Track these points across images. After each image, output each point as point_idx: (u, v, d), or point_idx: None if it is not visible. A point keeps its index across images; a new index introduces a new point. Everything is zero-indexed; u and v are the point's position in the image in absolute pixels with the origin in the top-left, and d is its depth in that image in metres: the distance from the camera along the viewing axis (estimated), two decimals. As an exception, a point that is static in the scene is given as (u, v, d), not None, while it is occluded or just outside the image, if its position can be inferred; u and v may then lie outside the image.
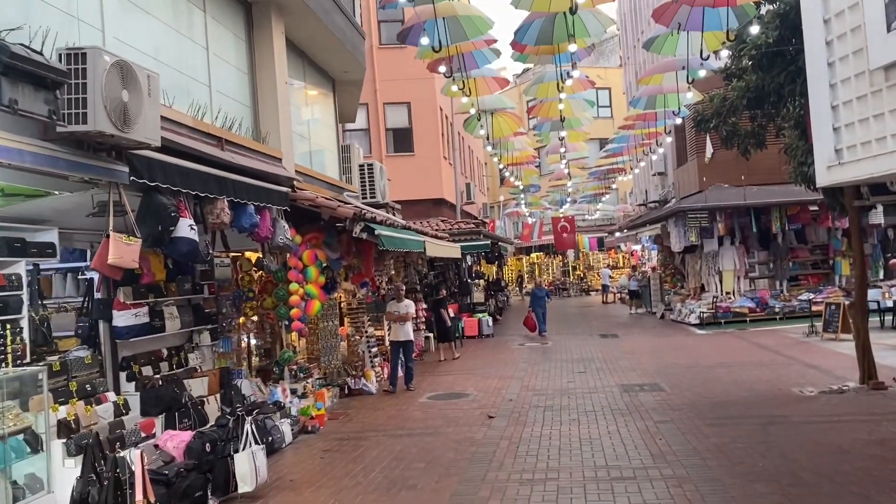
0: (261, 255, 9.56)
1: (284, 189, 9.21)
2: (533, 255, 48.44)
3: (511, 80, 44.38)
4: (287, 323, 10.17)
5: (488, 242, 21.59)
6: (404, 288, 11.95)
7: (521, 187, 26.47)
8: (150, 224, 6.47)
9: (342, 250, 11.63)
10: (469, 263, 31.91)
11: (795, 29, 10.38)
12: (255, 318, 11.22)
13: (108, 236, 5.83)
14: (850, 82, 8.21)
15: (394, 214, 13.34)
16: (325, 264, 11.55)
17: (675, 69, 11.69)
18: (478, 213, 32.72)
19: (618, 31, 40.03)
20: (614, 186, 31.67)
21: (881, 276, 22.94)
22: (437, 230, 19.89)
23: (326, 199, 10.30)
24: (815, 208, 21.59)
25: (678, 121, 13.03)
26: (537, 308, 20.44)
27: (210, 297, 9.75)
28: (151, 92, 5.66)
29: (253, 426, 7.14)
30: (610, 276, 36.96)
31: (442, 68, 10.50)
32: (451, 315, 20.99)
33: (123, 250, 5.93)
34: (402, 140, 23.10)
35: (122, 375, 8.01)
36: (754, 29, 9.40)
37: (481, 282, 34.21)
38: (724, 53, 10.11)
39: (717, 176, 22.77)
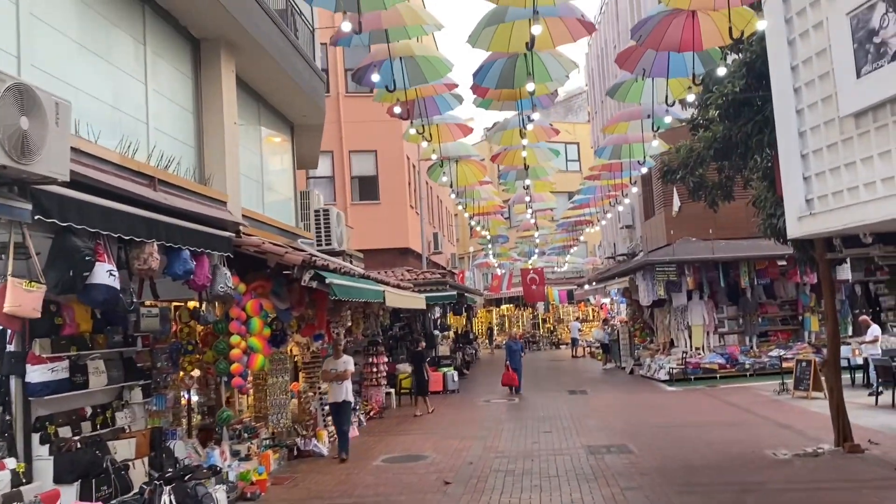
0: (197, 305, 8.87)
1: (227, 234, 8.60)
2: (503, 307, 47.91)
3: (482, 134, 44.63)
4: (227, 379, 9.42)
5: (455, 293, 21.01)
6: (343, 342, 11.27)
7: (489, 238, 26.06)
8: (60, 268, 5.81)
9: (293, 300, 10.98)
10: (437, 315, 31.31)
11: (762, 77, 10.16)
12: (196, 372, 10.45)
13: (4, 282, 5.16)
14: (819, 130, 7.92)
15: (351, 262, 12.74)
16: (272, 315, 10.88)
17: (640, 117, 11.41)
18: (446, 263, 32.21)
19: (586, 87, 40.46)
20: (582, 239, 31.44)
21: (850, 332, 22.74)
22: (400, 280, 19.29)
23: (276, 245, 9.69)
24: (784, 263, 21.45)
25: (644, 170, 12.74)
26: (516, 364, 19.59)
27: (144, 349, 9.00)
28: (60, 121, 5.07)
29: (172, 497, 6.36)
30: (579, 329, 36.48)
31: (397, 109, 10.03)
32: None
33: (23, 298, 5.25)
34: (367, 188, 22.64)
35: (36, 437, 7.21)
36: (721, 70, 9.12)
37: (450, 333, 33.57)
38: (691, 98, 9.78)
39: (684, 229, 22.60)
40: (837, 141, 7.58)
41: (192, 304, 10.23)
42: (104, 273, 6.16)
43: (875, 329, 16.97)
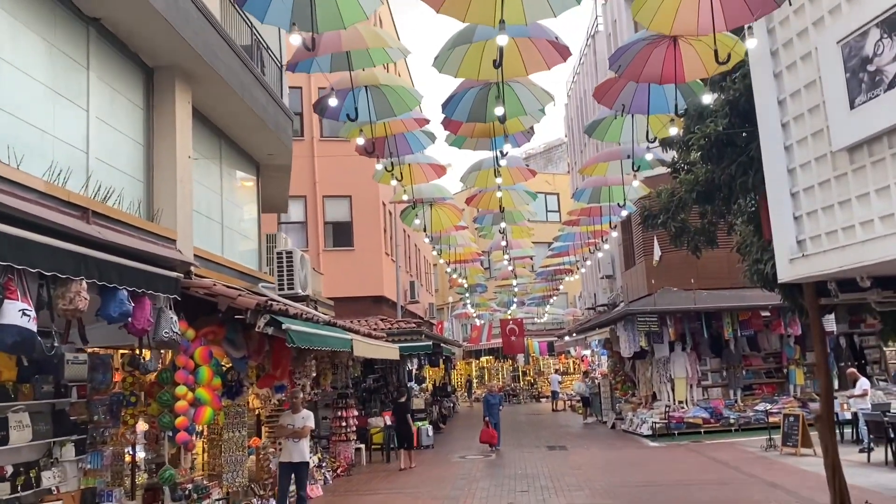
0: (136, 352, 8.08)
1: (173, 274, 7.88)
2: (482, 358, 46.97)
3: (461, 186, 44.34)
4: (171, 434, 8.57)
5: (430, 343, 20.24)
6: (302, 395, 10.46)
7: (467, 286, 25.40)
8: (-41, 307, 5.07)
9: (250, 348, 10.20)
10: (414, 366, 30.38)
11: (746, 116, 9.75)
12: (142, 426, 9.57)
13: None
14: (810, 167, 7.43)
15: (317, 308, 12.00)
16: (226, 365, 10.10)
17: (620, 157, 10.94)
18: (424, 313, 31.44)
19: (565, 138, 40.52)
20: (562, 289, 30.86)
21: (836, 386, 22.17)
22: (373, 329, 18.53)
23: (230, 287, 8.97)
24: (767, 314, 20.97)
25: (624, 213, 12.23)
26: (495, 419, 18.63)
27: (80, 401, 8.17)
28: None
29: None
30: (559, 382, 35.65)
31: (360, 140, 9.44)
32: (388, 423, 19.36)
33: None
34: (341, 234, 22.01)
35: (-59, 501, 6.35)
36: (706, 98, 8.68)
37: (427, 385, 32.56)
38: (673, 131, 9.30)
39: (665, 279, 22.14)
40: (830, 177, 7.09)
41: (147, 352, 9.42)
42: (16, 312, 5.42)
43: (864, 382, 16.40)
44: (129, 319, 7.10)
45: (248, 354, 10.23)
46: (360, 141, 10.10)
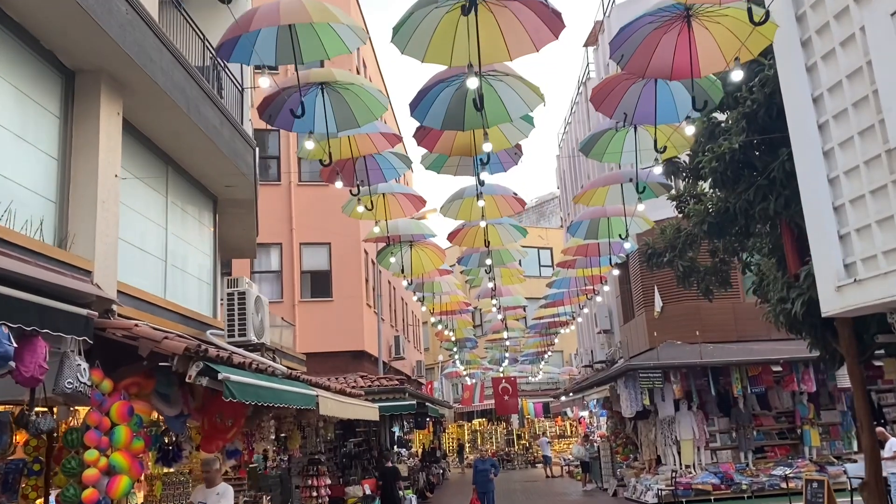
0: (26, 408, 6.52)
1: (83, 311, 6.38)
2: (475, 421, 44.84)
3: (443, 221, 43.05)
4: (76, 510, 6.92)
5: (413, 402, 18.54)
6: (219, 464, 8.75)
7: (455, 340, 23.77)
8: None
9: (194, 404, 8.66)
10: (403, 430, 28.48)
11: (766, 131, 8.48)
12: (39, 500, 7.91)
13: None
14: (858, 172, 6.08)
15: (276, 359, 10.45)
16: (161, 426, 8.53)
17: (621, 181, 9.60)
18: (411, 371, 29.70)
19: (558, 191, 39.54)
20: (557, 343, 29.20)
21: (854, 447, 20.47)
22: (351, 386, 16.90)
23: (158, 330, 7.47)
24: (779, 369, 19.44)
25: (626, 246, 10.83)
26: (484, 487, 16.64)
27: (-37, 470, 6.59)
28: None
29: None
30: (549, 443, 33.66)
31: (339, 184, 8.17)
32: (367, 493, 17.54)
33: None
34: (319, 284, 20.52)
35: None
36: (737, 75, 7.39)
37: (416, 449, 30.55)
38: (690, 131, 7.97)
39: (668, 332, 20.67)
40: (887, 182, 5.76)
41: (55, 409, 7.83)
42: None
43: (894, 442, 14.76)
44: (12, 364, 5.59)
45: (189, 412, 8.66)
46: (339, 185, 8.80)
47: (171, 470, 9.20)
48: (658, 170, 8.31)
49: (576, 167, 32.02)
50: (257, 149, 11.77)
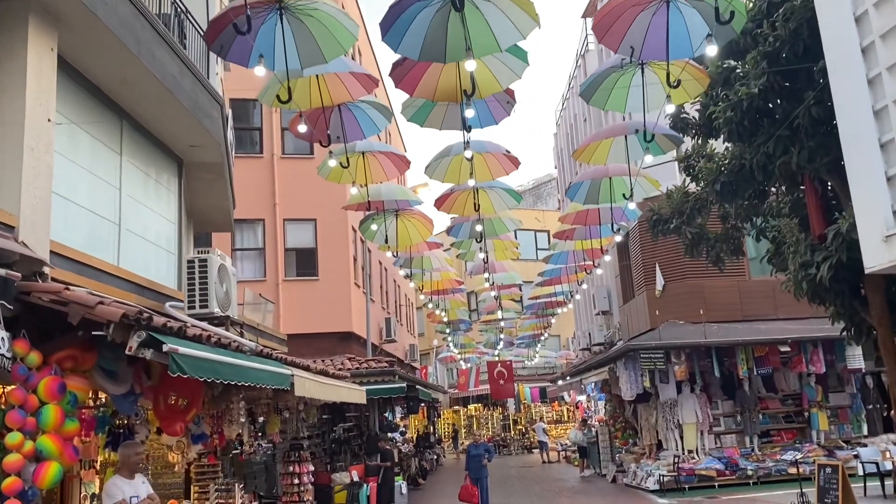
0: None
1: (0, 272, 5.44)
2: (471, 406, 44.02)
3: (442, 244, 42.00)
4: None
5: (403, 385, 17.63)
6: (140, 448, 7.60)
7: (447, 321, 22.82)
8: None
9: (151, 383, 7.76)
10: (396, 415, 27.62)
11: (790, 74, 7.50)
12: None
13: None
14: (913, 98, 5.17)
15: (243, 334, 9.50)
16: (101, 404, 7.62)
17: (626, 132, 8.60)
18: (404, 355, 28.79)
19: (555, 170, 38.55)
20: (553, 324, 28.25)
21: (864, 431, 19.66)
22: (339, 369, 16.01)
23: (96, 295, 6.50)
24: (787, 349, 18.54)
25: (631, 206, 9.80)
26: (477, 473, 15.73)
27: None
28: None
29: None
30: (544, 430, 32.85)
31: (302, 127, 7.20)
32: (355, 479, 16.67)
33: None
34: (304, 262, 19.54)
35: None
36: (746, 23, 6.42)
37: (411, 435, 29.72)
38: (712, 51, 6.95)
39: (670, 311, 19.77)
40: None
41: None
42: None
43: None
44: None
45: (141, 390, 7.73)
46: (303, 128, 7.87)
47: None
48: (669, 110, 7.27)
49: (574, 144, 31.01)
50: (226, 107, 10.76)
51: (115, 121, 8.83)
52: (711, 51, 5.74)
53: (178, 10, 9.78)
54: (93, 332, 6.14)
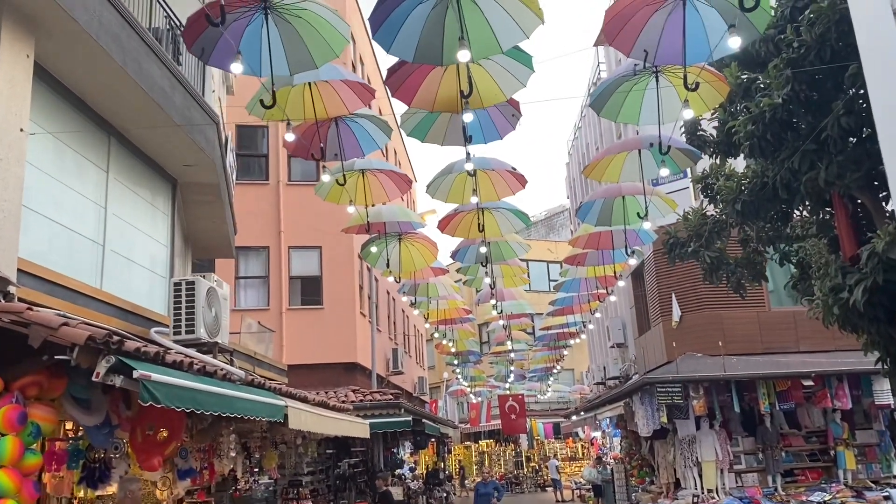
0: None
1: (-48, 288, 4.97)
2: (482, 442, 42.97)
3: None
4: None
5: (409, 419, 16.96)
6: (140, 483, 7.15)
7: (455, 351, 22.15)
8: None
9: (130, 413, 7.27)
10: (406, 450, 26.85)
11: (816, 83, 6.97)
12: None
13: None
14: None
15: (233, 362, 8.96)
16: (76, 437, 7.09)
17: (640, 146, 8.08)
18: (413, 388, 28.09)
19: (567, 200, 38.07)
20: (566, 356, 27.48)
21: (894, 471, 18.68)
22: (342, 401, 15.40)
23: (63, 316, 6.01)
24: (810, 383, 17.69)
25: (646, 226, 9.22)
26: None
27: None
28: None
29: None
30: (558, 467, 31.85)
31: (290, 136, 6.75)
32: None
33: None
34: (309, 291, 19.04)
35: None
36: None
37: (420, 471, 28.84)
38: (735, 45, 6.38)
39: (687, 343, 19.00)
40: None
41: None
42: None
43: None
44: None
45: (119, 421, 7.22)
46: (290, 136, 7.45)
47: (100, 493, 7.66)
48: (687, 115, 6.73)
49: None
50: (223, 126, 10.36)
51: (102, 136, 8.44)
52: (734, 43, 5.24)
53: (172, 23, 9.44)
54: (55, 357, 5.64)
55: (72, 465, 7.23)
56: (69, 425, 7.40)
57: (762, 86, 7.70)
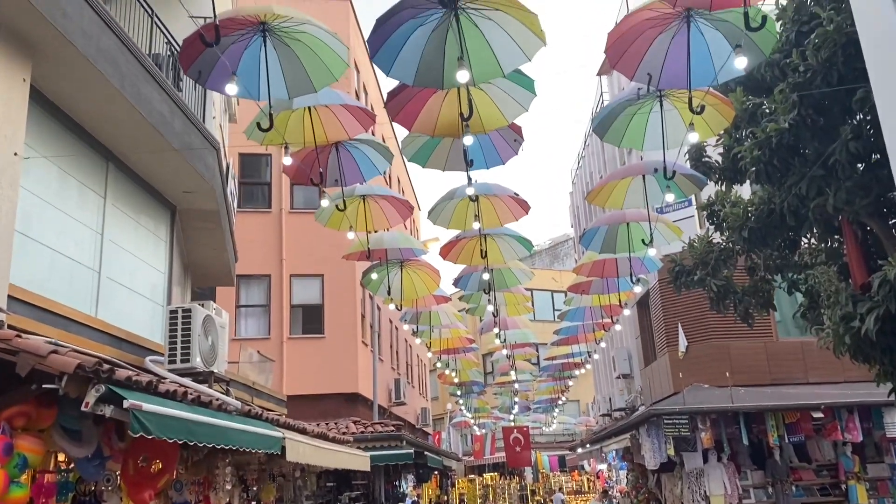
0: None
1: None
2: (486, 475, 42.33)
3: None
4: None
5: (411, 451, 16.66)
6: None
7: (458, 381, 21.84)
8: None
9: (123, 444, 7.05)
10: (409, 483, 26.39)
11: (822, 106, 6.87)
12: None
13: None
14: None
15: (229, 392, 8.77)
16: (66, 468, 6.89)
17: (643, 172, 7.95)
18: (415, 419, 27.71)
19: (572, 229, 37.97)
20: (571, 386, 27.11)
21: (917, 509, 18.24)
22: (342, 432, 15.13)
23: (54, 343, 5.85)
24: (820, 415, 17.37)
25: (651, 253, 9.05)
26: None
27: None
28: None
29: None
30: (563, 501, 31.28)
31: (287, 159, 6.66)
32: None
33: None
34: (310, 319, 18.84)
35: None
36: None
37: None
38: (742, 65, 6.24)
39: (694, 374, 18.72)
40: None
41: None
42: None
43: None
44: None
45: (111, 453, 7.00)
46: (287, 160, 7.37)
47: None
48: (692, 139, 6.58)
49: (591, 205, 30.44)
50: (223, 152, 10.30)
51: (100, 162, 8.36)
52: (740, 64, 5.14)
53: (173, 49, 9.42)
54: (43, 386, 5.47)
55: (61, 498, 7.02)
56: (61, 457, 7.22)
57: (768, 111, 7.60)
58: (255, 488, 11.76)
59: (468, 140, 6.25)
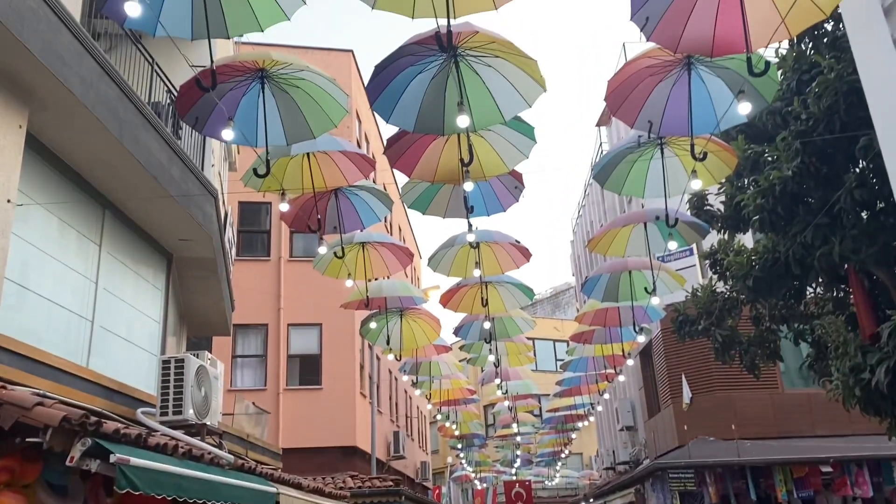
0: None
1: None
2: (487, 531, 41.28)
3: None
4: None
5: (409, 508, 16.19)
6: None
7: (459, 434, 21.38)
8: None
9: (113, 500, 6.81)
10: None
11: (827, 155, 6.81)
12: None
13: None
14: None
15: (222, 446, 8.50)
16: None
17: (645, 220, 7.85)
18: (415, 474, 27.08)
19: (573, 278, 37.82)
20: (574, 439, 26.59)
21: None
22: (339, 487, 14.71)
23: (40, 395, 5.66)
24: (829, 469, 16.97)
25: (655, 302, 8.86)
26: None
27: None
28: None
29: None
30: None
31: (284, 206, 6.60)
32: None
33: None
34: (308, 370, 18.56)
35: None
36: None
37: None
38: (745, 109, 6.16)
39: (699, 426, 18.34)
40: None
41: None
42: None
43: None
44: None
45: (95, 510, 6.74)
46: (284, 206, 7.30)
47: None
48: (695, 186, 6.47)
49: (592, 253, 30.37)
50: (222, 201, 10.24)
51: (96, 209, 8.28)
52: (744, 109, 5.07)
53: (172, 98, 9.42)
54: (27, 439, 5.26)
55: (43, 558, 6.74)
56: (44, 513, 6.95)
57: (770, 159, 7.54)
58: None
59: (468, 186, 6.18)
